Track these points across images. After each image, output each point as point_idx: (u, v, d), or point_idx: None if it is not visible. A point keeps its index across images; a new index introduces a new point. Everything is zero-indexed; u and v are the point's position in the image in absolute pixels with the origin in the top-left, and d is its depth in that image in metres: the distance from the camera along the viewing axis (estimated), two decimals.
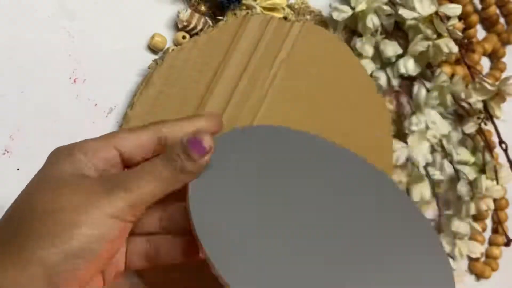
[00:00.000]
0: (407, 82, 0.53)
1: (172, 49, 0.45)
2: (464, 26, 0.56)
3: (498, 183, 0.53)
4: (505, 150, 0.52)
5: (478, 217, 0.57)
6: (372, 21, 0.48)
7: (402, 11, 0.48)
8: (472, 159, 0.55)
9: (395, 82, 0.51)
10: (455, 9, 0.48)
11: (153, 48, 0.46)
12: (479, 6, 0.57)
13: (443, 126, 0.51)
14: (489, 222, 0.59)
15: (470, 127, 0.53)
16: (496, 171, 0.53)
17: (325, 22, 0.51)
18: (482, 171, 0.54)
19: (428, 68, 0.53)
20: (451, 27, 0.48)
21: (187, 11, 0.45)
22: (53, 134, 0.43)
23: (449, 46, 0.48)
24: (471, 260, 0.59)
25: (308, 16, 0.51)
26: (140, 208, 0.29)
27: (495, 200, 0.55)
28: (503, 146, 0.52)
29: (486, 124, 0.53)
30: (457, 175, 0.53)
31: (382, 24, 0.51)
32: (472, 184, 0.52)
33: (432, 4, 0.47)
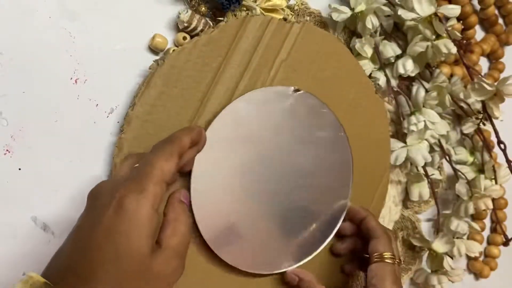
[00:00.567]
0: (406, 83, 0.53)
1: (173, 50, 0.45)
2: (463, 27, 0.56)
3: (497, 183, 0.53)
4: (504, 150, 0.52)
5: (477, 217, 0.58)
6: (371, 22, 0.49)
7: (401, 12, 0.48)
8: (471, 159, 0.55)
9: (394, 83, 0.51)
10: (454, 10, 0.48)
11: (154, 49, 0.46)
12: (478, 7, 0.57)
13: (442, 126, 0.51)
14: (488, 222, 0.60)
15: (469, 127, 0.54)
16: (495, 171, 0.53)
17: (325, 23, 0.51)
18: (481, 171, 0.54)
19: (427, 69, 0.53)
20: (450, 28, 0.48)
21: (188, 12, 0.45)
22: (54, 134, 0.43)
23: (448, 47, 0.48)
24: (470, 259, 0.59)
25: (308, 17, 0.51)
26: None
27: (494, 200, 0.55)
28: (502, 146, 0.52)
29: (485, 124, 0.53)
30: (456, 175, 0.53)
31: (381, 25, 0.51)
32: (471, 184, 0.52)
33: (431, 5, 0.47)
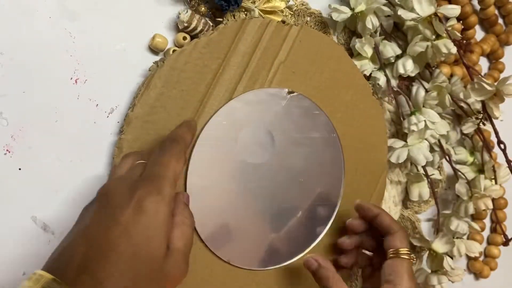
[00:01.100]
0: (406, 83, 0.53)
1: (173, 50, 0.45)
2: (463, 27, 0.56)
3: (497, 183, 0.53)
4: (504, 150, 0.52)
5: (477, 217, 0.58)
6: (371, 22, 0.49)
7: (401, 12, 0.48)
8: (471, 159, 0.55)
9: (394, 83, 0.51)
10: (454, 10, 0.48)
11: (154, 49, 0.46)
12: (478, 7, 0.57)
13: (442, 126, 0.51)
14: (488, 222, 0.60)
15: (469, 127, 0.54)
16: (495, 171, 0.53)
17: (325, 23, 0.51)
18: (481, 171, 0.54)
19: (427, 69, 0.53)
20: (450, 28, 0.48)
21: (188, 12, 0.45)
22: (54, 134, 0.43)
23: (448, 47, 0.48)
24: (470, 259, 0.59)
25: (309, 18, 0.51)
26: None
27: (494, 200, 0.55)
28: (502, 146, 0.52)
29: (485, 124, 0.53)
30: (456, 175, 0.53)
31: (381, 25, 0.51)
32: (471, 184, 0.52)
33: (431, 5, 0.47)
